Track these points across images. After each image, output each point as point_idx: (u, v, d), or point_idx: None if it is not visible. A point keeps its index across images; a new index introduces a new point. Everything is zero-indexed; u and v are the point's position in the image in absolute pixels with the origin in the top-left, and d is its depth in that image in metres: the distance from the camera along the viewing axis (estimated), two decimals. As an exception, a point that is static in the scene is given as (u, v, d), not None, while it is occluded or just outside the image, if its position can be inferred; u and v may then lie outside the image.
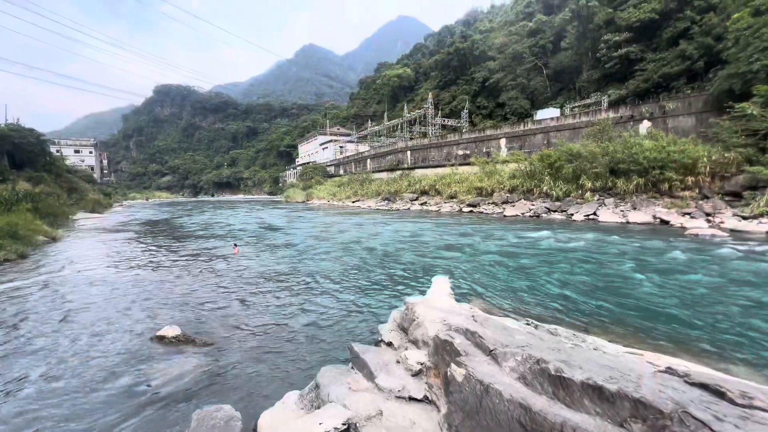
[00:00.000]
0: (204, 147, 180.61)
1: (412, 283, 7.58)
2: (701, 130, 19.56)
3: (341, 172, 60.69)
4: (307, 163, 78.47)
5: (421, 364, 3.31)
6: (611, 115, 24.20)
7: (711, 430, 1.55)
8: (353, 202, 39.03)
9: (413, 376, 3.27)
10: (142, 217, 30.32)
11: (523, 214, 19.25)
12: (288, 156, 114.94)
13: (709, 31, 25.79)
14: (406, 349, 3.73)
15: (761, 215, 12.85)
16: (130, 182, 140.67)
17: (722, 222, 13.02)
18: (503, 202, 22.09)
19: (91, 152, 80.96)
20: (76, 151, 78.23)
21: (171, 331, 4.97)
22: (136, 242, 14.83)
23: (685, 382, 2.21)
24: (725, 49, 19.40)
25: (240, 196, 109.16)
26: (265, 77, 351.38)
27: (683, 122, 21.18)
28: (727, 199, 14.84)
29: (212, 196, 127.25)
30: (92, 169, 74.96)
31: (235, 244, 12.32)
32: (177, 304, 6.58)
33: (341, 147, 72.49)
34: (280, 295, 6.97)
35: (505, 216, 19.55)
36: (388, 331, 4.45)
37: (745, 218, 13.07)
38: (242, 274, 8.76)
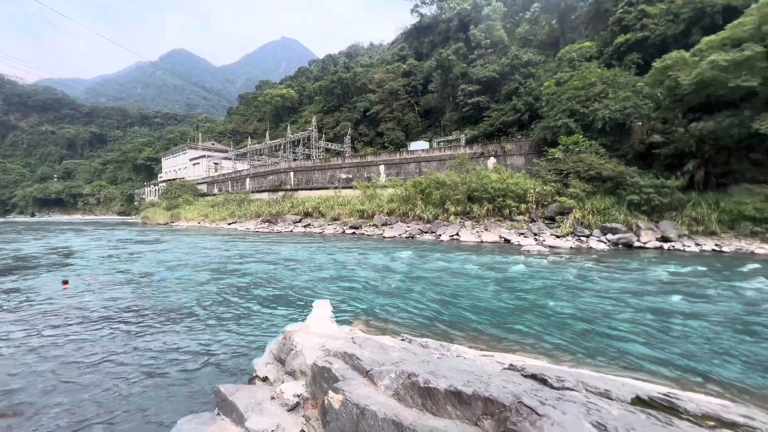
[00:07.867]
0: (22, 153, 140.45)
1: (292, 310, 7.23)
2: (529, 167, 24.89)
3: (215, 191, 54.95)
4: (174, 179, 68.58)
5: (298, 396, 3.13)
6: (468, 151, 28.68)
7: (536, 413, 1.88)
8: (229, 224, 35.66)
9: (289, 411, 3.06)
10: None
11: (400, 235, 20.77)
12: (148, 170, 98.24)
13: (531, 92, 33.53)
14: (283, 382, 3.49)
15: (567, 235, 16.96)
16: None
17: (544, 240, 16.64)
18: (383, 224, 23.46)
19: None
20: None
21: (-63, 408, 3.50)
22: None
23: (522, 375, 2.66)
24: (540, 107, 25.46)
25: (77, 217, 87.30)
26: (120, 77, 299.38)
27: (516, 160, 26.59)
28: (546, 222, 19.08)
29: (32, 215, 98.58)
30: None
31: (65, 280, 9.71)
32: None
33: (216, 164, 65.92)
34: (124, 338, 5.72)
35: (384, 237, 20.73)
36: (263, 365, 4.10)
37: (558, 237, 17.00)
38: (73, 314, 6.90)
